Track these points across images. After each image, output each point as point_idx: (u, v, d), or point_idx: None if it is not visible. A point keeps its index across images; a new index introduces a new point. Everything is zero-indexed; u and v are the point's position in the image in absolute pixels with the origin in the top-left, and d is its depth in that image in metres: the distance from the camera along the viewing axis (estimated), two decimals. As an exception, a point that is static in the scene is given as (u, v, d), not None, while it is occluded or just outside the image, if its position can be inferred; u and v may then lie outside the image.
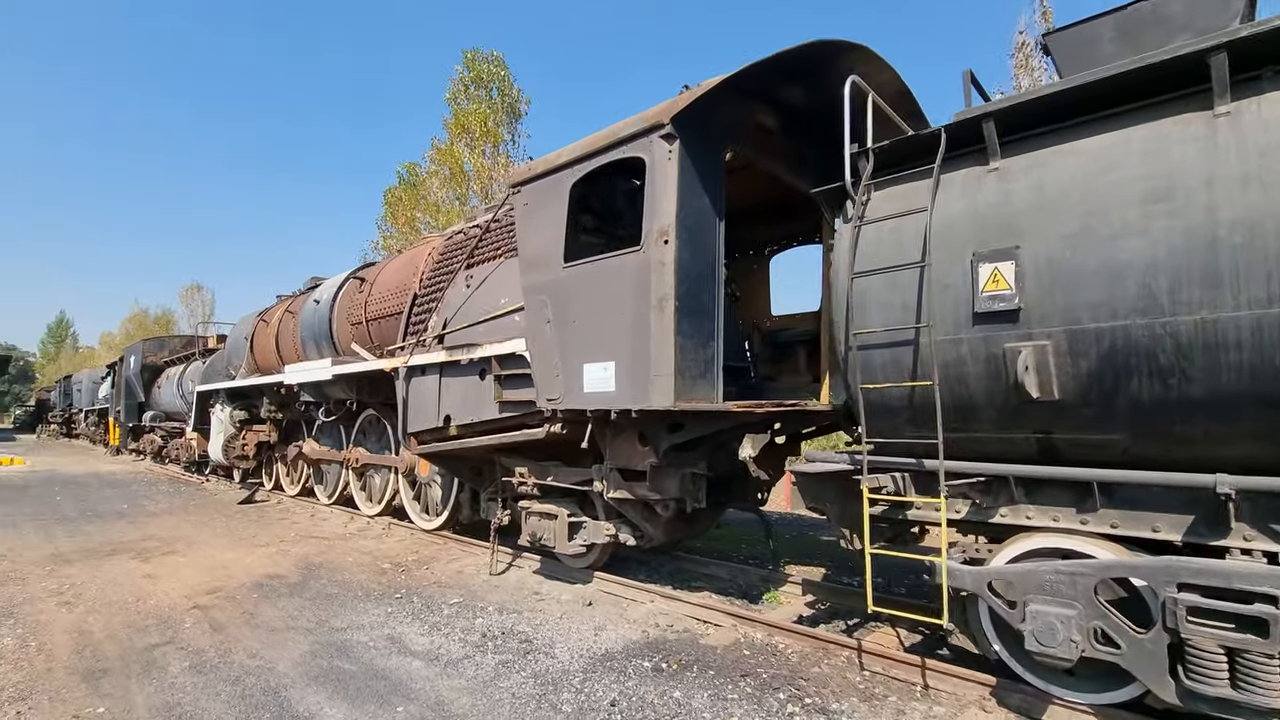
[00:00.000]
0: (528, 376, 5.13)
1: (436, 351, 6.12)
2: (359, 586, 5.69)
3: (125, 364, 20.27)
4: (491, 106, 16.18)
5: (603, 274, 4.54)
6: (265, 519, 9.30)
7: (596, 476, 5.12)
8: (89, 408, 28.56)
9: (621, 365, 4.36)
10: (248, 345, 12.02)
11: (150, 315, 48.96)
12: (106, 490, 12.84)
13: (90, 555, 6.89)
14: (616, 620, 4.78)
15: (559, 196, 4.95)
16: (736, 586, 5.71)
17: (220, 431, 12.06)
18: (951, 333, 3.26)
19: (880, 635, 4.51)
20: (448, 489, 7.40)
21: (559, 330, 4.80)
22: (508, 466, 5.97)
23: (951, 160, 3.44)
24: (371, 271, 8.79)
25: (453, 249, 6.85)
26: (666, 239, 4.19)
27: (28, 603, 5.17)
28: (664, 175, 4.24)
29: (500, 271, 5.75)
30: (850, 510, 4.12)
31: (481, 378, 5.64)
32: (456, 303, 6.09)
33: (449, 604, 5.17)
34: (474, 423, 5.70)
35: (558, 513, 5.40)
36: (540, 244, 5.05)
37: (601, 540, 5.33)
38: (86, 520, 9.17)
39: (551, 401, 4.83)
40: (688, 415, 4.35)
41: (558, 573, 5.96)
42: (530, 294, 5.05)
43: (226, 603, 5.19)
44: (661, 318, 4.16)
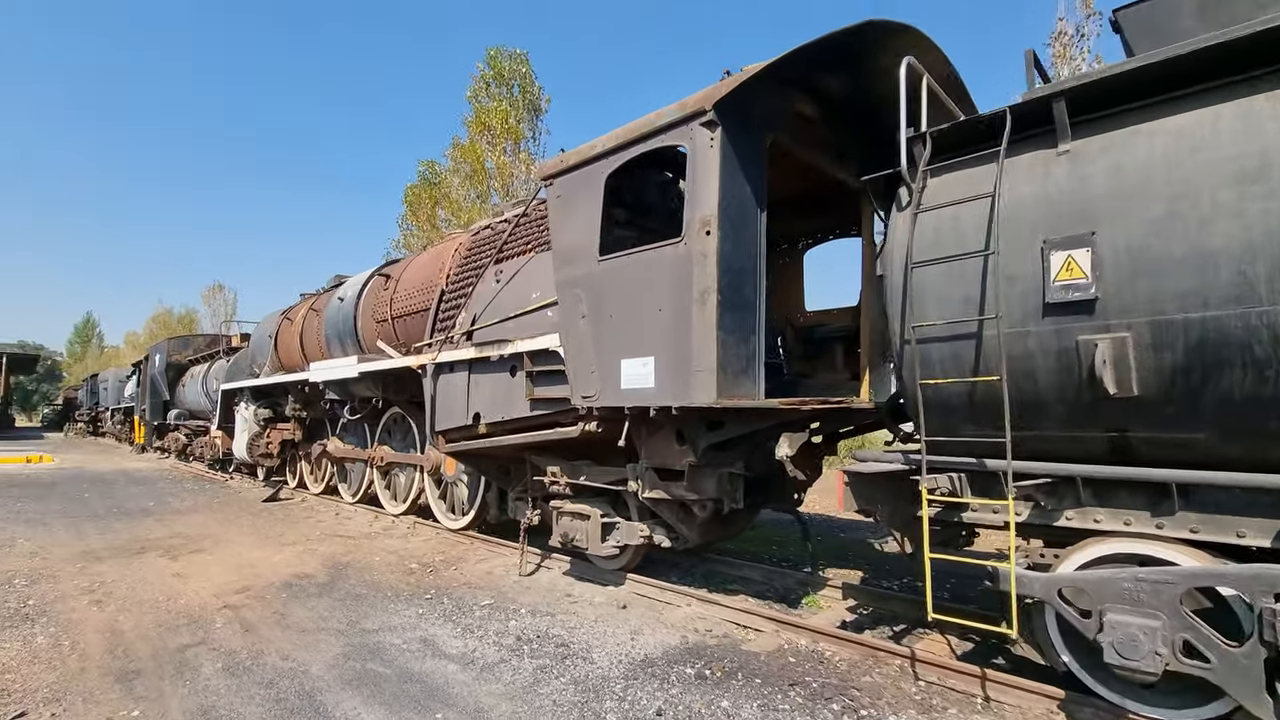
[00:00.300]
0: (561, 373, 5.01)
1: (465, 348, 6.02)
2: (388, 587, 5.60)
3: (150, 362, 20.50)
4: (513, 104, 16.13)
5: (640, 267, 4.40)
6: (290, 517, 9.29)
7: (631, 476, 4.99)
8: (115, 406, 29.00)
9: (661, 361, 4.22)
10: (272, 343, 12.05)
11: (174, 315, 49.64)
12: (133, 488, 12.95)
13: (120, 553, 6.88)
14: (653, 624, 4.64)
15: (593, 188, 4.81)
16: (773, 590, 5.55)
17: (245, 430, 12.09)
18: (1019, 325, 3.08)
19: (929, 642, 4.32)
20: (474, 488, 7.30)
21: (594, 325, 4.67)
22: (538, 465, 5.85)
23: (1015, 144, 3.25)
24: (396, 268, 8.73)
25: (480, 244, 6.75)
26: (709, 230, 4.04)
27: (60, 601, 5.15)
28: (706, 164, 4.09)
29: (531, 266, 5.63)
30: (902, 512, 3.95)
31: (512, 374, 5.53)
32: (485, 298, 5.98)
33: (480, 605, 5.06)
34: (504, 421, 5.59)
35: (590, 513, 5.27)
36: (574, 237, 4.92)
37: (635, 542, 5.20)
38: (115, 518, 9.21)
39: (587, 398, 4.70)
40: (729, 413, 4.20)
41: (589, 574, 5.84)
42: (564, 288, 4.93)
43: (256, 602, 5.13)
44: (703, 312, 4.01)
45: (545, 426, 5.28)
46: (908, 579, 5.97)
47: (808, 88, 4.83)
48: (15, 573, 5.98)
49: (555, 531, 5.57)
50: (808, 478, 5.73)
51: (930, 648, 4.16)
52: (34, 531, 8.09)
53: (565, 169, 5.08)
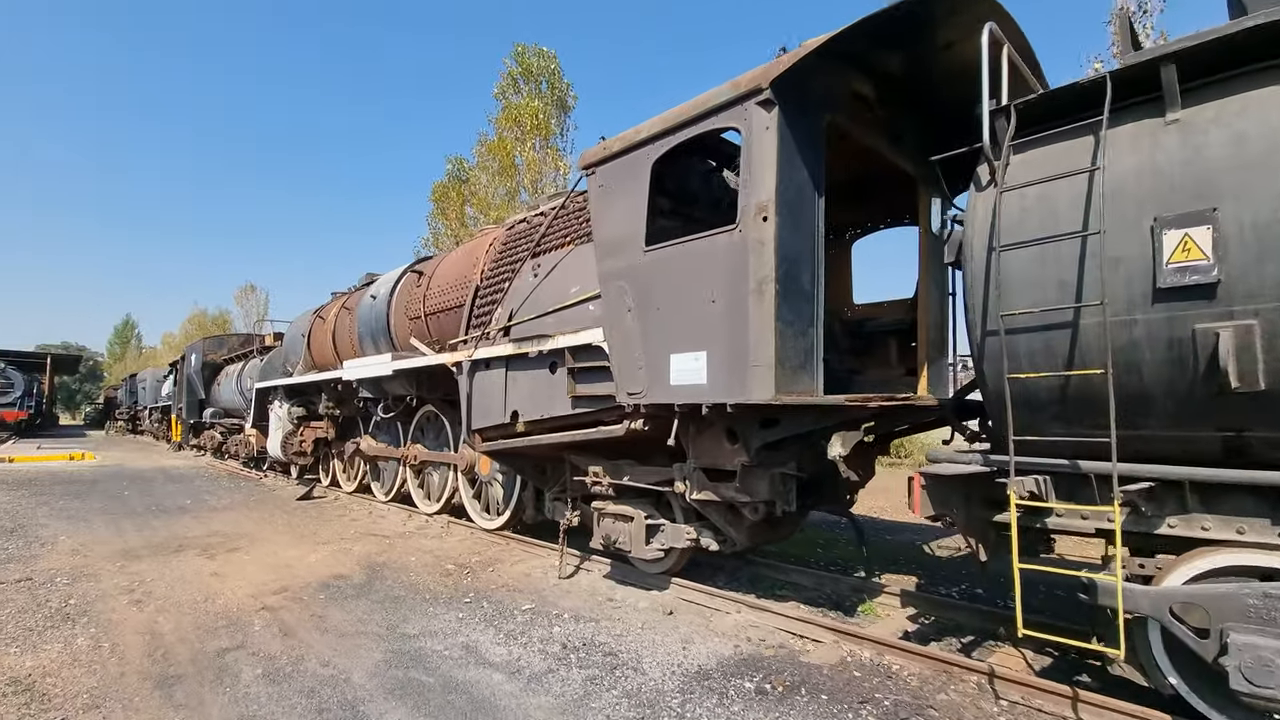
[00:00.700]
0: (604, 369, 4.81)
1: (502, 344, 5.85)
2: (425, 589, 5.46)
3: (186, 362, 20.86)
4: (541, 100, 16.01)
5: (690, 257, 4.18)
6: (324, 516, 9.25)
7: (678, 476, 4.77)
8: (152, 405, 29.65)
9: (714, 355, 3.99)
10: (304, 342, 12.08)
11: (208, 315, 50.77)
12: (170, 485, 13.10)
13: (158, 551, 6.87)
14: (703, 632, 4.41)
15: (639, 176, 4.60)
16: (825, 596, 5.28)
17: (279, 428, 12.15)
18: (1124, 313, 2.79)
19: (1003, 656, 4.03)
20: (510, 488, 7.15)
21: (641, 319, 4.46)
22: (578, 465, 5.66)
23: (1113, 114, 2.95)
24: (429, 265, 8.62)
25: (516, 238, 6.58)
26: (765, 216, 3.80)
27: (100, 600, 5.10)
28: (762, 146, 3.84)
29: (570, 259, 5.44)
30: (977, 518, 3.66)
31: (552, 371, 5.34)
32: (523, 293, 5.81)
33: (521, 610, 4.88)
34: (544, 419, 5.41)
35: (634, 515, 5.06)
36: (618, 227, 4.71)
37: (681, 545, 4.97)
38: (153, 515, 9.27)
39: (633, 396, 4.49)
40: (787, 410, 3.95)
41: (630, 577, 5.63)
42: (608, 281, 4.72)
43: (294, 604, 5.02)
44: (761, 303, 3.77)
45: (588, 425, 5.08)
46: (965, 585, 5.66)
47: (865, 66, 4.55)
48: (58, 570, 5.98)
49: (596, 534, 5.37)
50: (860, 478, 5.46)
51: (1006, 662, 3.87)
52: (76, 528, 8.15)
53: (608, 157, 4.88)
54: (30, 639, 4.23)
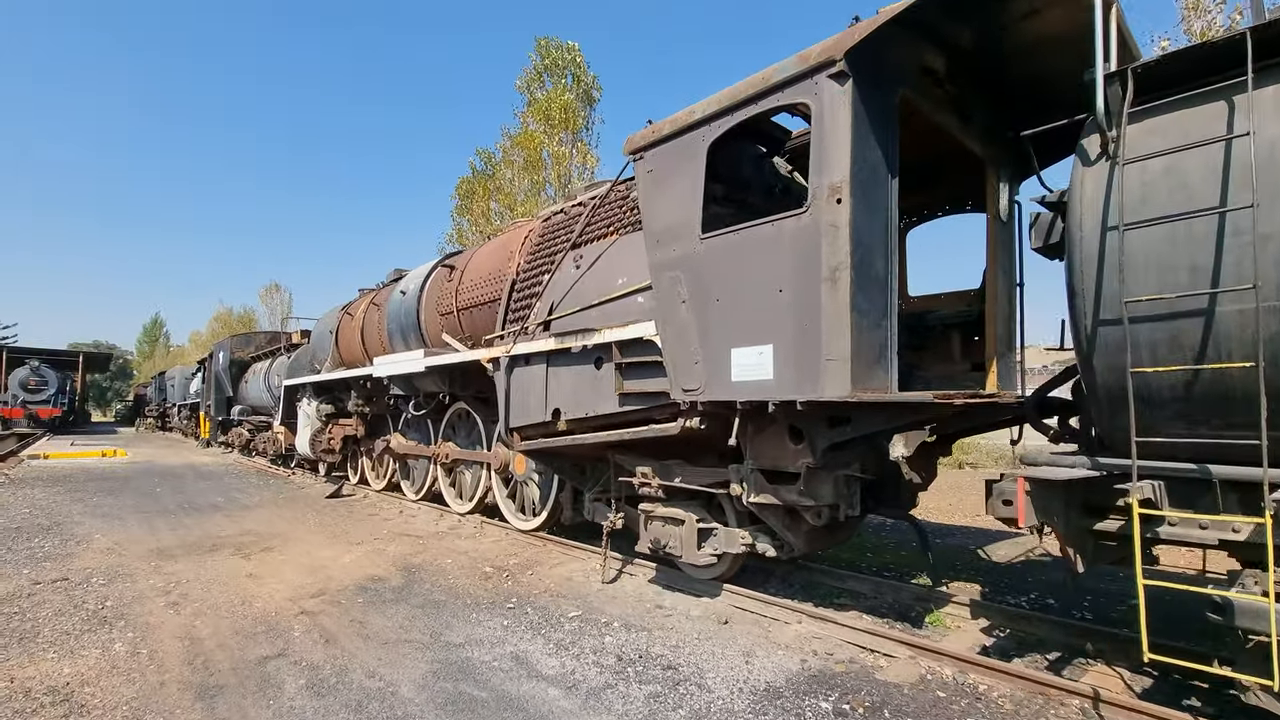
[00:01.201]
0: (656, 364, 4.56)
1: (542, 339, 5.63)
2: (465, 593, 5.26)
3: (214, 360, 21.02)
4: (569, 92, 15.77)
5: (753, 244, 3.90)
6: (355, 514, 9.13)
7: (734, 478, 4.50)
8: (181, 402, 30.05)
9: (782, 349, 3.71)
10: (332, 339, 12.00)
11: (234, 314, 51.47)
12: (201, 483, 13.13)
13: (192, 550, 6.77)
14: (764, 644, 4.15)
15: (693, 159, 4.33)
16: (887, 605, 4.98)
17: (307, 425, 12.09)
18: (1274, 298, 2.46)
19: (1098, 676, 3.70)
20: (547, 487, 6.94)
21: (698, 311, 4.19)
22: (623, 465, 5.42)
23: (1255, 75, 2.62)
24: (460, 259, 8.43)
25: (554, 230, 6.35)
26: (839, 198, 3.51)
27: (136, 602, 4.97)
28: (835, 122, 3.56)
29: (616, 249, 5.19)
30: (1075, 525, 3.35)
31: (597, 367, 5.10)
32: (564, 286, 5.57)
33: (568, 617, 4.66)
34: (588, 417, 5.17)
35: (685, 518, 4.81)
36: (671, 214, 4.45)
37: (735, 550, 4.71)
38: (185, 513, 9.23)
39: (689, 392, 4.23)
40: (863, 409, 3.66)
41: (677, 583, 5.38)
42: (660, 271, 4.47)
43: (333, 608, 4.84)
44: (835, 292, 3.48)
45: (637, 423, 4.84)
46: (1034, 595, 5.32)
47: (937, 37, 4.24)
48: (93, 570, 5.88)
49: (644, 537, 5.13)
50: (922, 480, 5.14)
51: (1103, 683, 3.55)
52: (110, 526, 8.11)
53: (658, 140, 4.61)
54: (68, 643, 4.10)
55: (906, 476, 4.89)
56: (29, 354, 35.15)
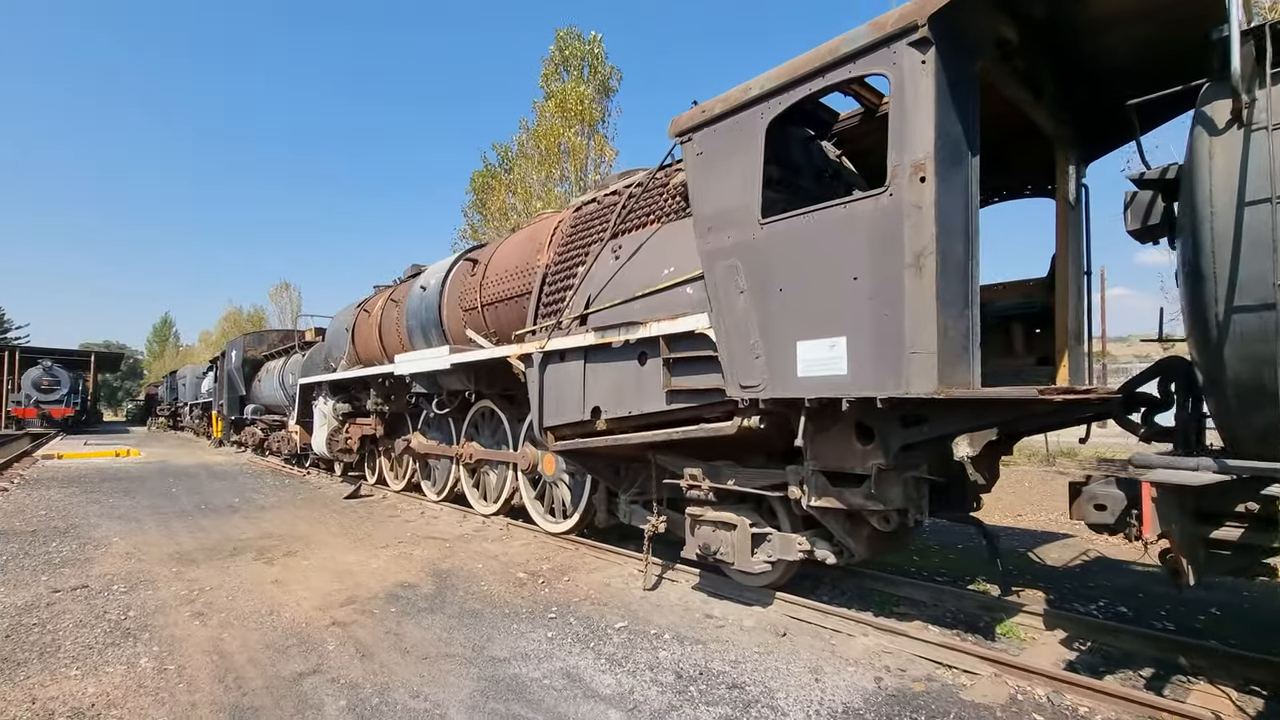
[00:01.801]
0: (708, 360, 4.27)
1: (579, 334, 5.35)
2: (501, 601, 5.01)
3: (227, 358, 20.88)
4: (585, 84, 15.48)
5: (823, 228, 3.61)
6: (375, 516, 8.90)
7: (792, 480, 4.22)
8: (193, 401, 30.00)
9: (857, 341, 3.42)
10: (349, 337, 11.77)
11: (243, 313, 51.48)
12: (216, 483, 12.95)
13: (213, 555, 6.55)
14: (831, 659, 3.87)
15: (749, 138, 4.04)
16: (951, 614, 4.70)
17: (323, 425, 11.87)
18: None
19: (1204, 696, 3.40)
20: (579, 489, 6.67)
21: (758, 301, 3.91)
22: (665, 466, 5.15)
23: None
24: (484, 253, 8.17)
25: (587, 220, 6.07)
26: (923, 176, 3.21)
27: (160, 612, 4.74)
28: (917, 93, 3.26)
29: (660, 238, 4.91)
30: (1190, 534, 3.05)
31: (641, 362, 4.82)
32: (602, 278, 5.30)
33: (615, 629, 4.39)
34: (631, 416, 4.90)
35: (737, 522, 4.53)
36: (725, 199, 4.16)
37: (792, 557, 4.43)
38: (202, 514, 9.02)
39: (748, 389, 3.95)
40: (947, 406, 3.36)
41: (724, 590, 5.11)
42: (713, 260, 4.18)
43: (366, 619, 4.60)
44: (919, 279, 3.19)
45: (686, 422, 4.56)
46: (1103, 601, 5.02)
47: (1010, 7, 3.92)
48: (114, 577, 5.66)
49: (690, 542, 4.86)
50: (987, 481, 4.84)
51: (1213, 704, 3.25)
52: (127, 529, 7.91)
53: (708, 120, 4.32)
54: (91, 659, 3.86)
55: (971, 478, 4.61)
56: (41, 354, 35.26)
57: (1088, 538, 7.44)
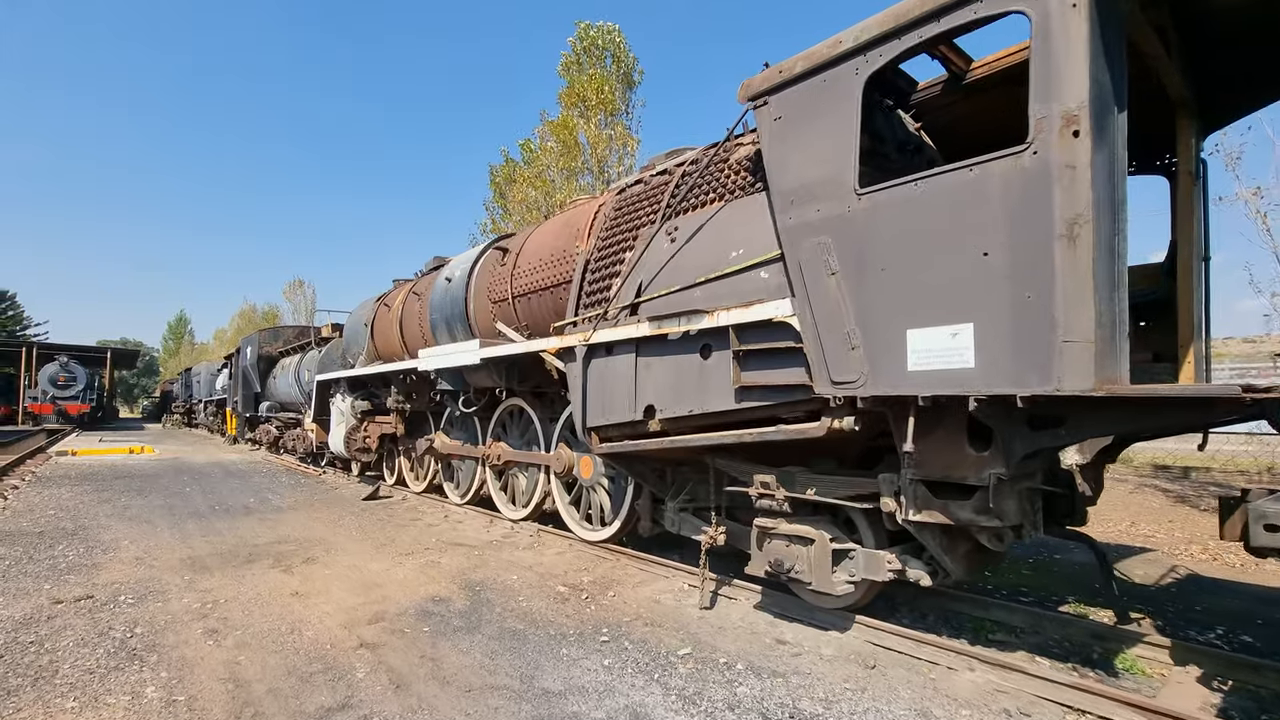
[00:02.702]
0: (788, 352, 3.76)
1: (629, 325, 4.85)
2: (544, 620, 4.51)
3: (241, 355, 20.58)
4: (606, 74, 15.01)
5: (941, 196, 3.09)
6: (396, 519, 8.45)
7: (884, 490, 3.69)
8: (207, 399, 29.83)
9: (988, 329, 2.90)
10: (368, 332, 11.34)
11: (257, 310, 51.49)
12: (231, 481, 12.59)
13: (227, 561, 6.10)
14: (936, 699, 3.33)
15: (842, 98, 3.53)
16: (1054, 642, 4.15)
17: (341, 423, 11.46)
18: None
19: (1404, 757, 2.85)
20: (619, 494, 6.17)
21: (854, 284, 3.39)
22: (725, 471, 4.64)
23: None
24: (514, 242, 7.69)
25: (634, 203, 5.57)
26: (1076, 130, 2.68)
27: (169, 628, 4.28)
28: (1068, 32, 2.73)
29: (724, 218, 4.40)
30: None
31: (705, 355, 4.31)
32: (655, 263, 4.79)
33: (678, 655, 3.88)
34: (692, 415, 4.39)
35: (815, 536, 4.01)
36: (811, 168, 3.64)
37: (881, 577, 3.90)
38: (216, 516, 8.61)
39: (843, 385, 3.43)
40: (1102, 405, 2.83)
41: (790, 610, 4.58)
42: (797, 238, 3.67)
43: (396, 639, 4.12)
44: (1073, 253, 2.66)
45: (759, 423, 4.05)
46: (1222, 629, 4.46)
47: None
48: (121, 586, 5.23)
49: (758, 557, 4.35)
50: (1093, 492, 4.29)
51: None
52: (138, 531, 7.50)
53: (789, 80, 3.81)
54: (91, 686, 3.40)
55: (1080, 488, 4.07)
56: (58, 350, 35.27)
57: (1170, 551, 6.85)
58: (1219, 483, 10.03)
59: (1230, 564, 6.37)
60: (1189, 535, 7.45)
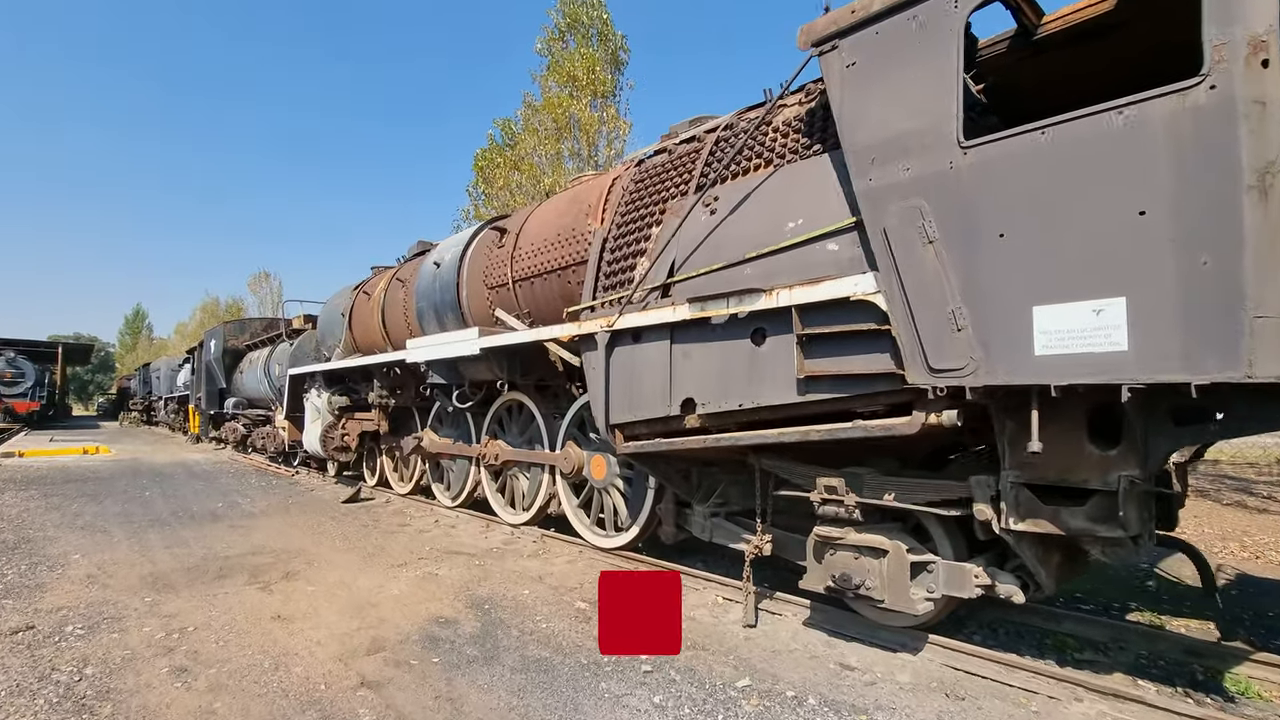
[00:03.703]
0: (866, 336, 3.24)
1: (662, 308, 4.29)
2: (570, 644, 3.95)
3: (205, 349, 19.42)
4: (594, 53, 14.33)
5: (1078, 146, 2.58)
6: (382, 524, 7.77)
7: (979, 495, 3.20)
8: (168, 395, 28.39)
9: (1147, 303, 2.41)
10: (345, 322, 10.58)
11: (221, 304, 49.46)
12: (195, 483, 11.69)
13: (196, 578, 5.39)
14: (1052, 738, 2.86)
15: (939, 37, 3.00)
16: (1146, 660, 3.72)
17: (317, 420, 10.66)
18: None
19: None
20: (638, 497, 5.61)
21: (960, 255, 2.87)
22: (775, 472, 4.11)
23: None
24: (513, 221, 7.05)
25: (658, 174, 5.00)
26: (1266, 58, 2.20)
27: (128, 667, 3.60)
28: (1254, -62, 2.24)
29: (776, 185, 3.86)
30: None
31: (757, 341, 3.77)
32: (693, 238, 4.23)
33: (736, 688, 3.35)
34: (742, 410, 3.84)
35: (890, 547, 3.51)
36: (898, 120, 3.12)
37: (968, 593, 3.41)
38: (181, 523, 7.82)
39: (947, 374, 2.92)
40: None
41: (846, 627, 4.09)
42: (881, 202, 3.14)
43: (404, 674, 3.51)
44: (1266, 208, 2.18)
45: (828, 418, 3.52)
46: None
47: None
48: (69, 612, 4.50)
49: (817, 571, 3.83)
50: (1184, 494, 3.88)
51: None
52: (92, 542, 6.70)
53: (867, 19, 3.27)
54: (25, 753, 2.74)
55: (1175, 488, 3.64)
56: (4, 345, 33.26)
57: (1207, 549, 6.55)
58: (1230, 475, 9.90)
59: (1273, 561, 6.10)
60: (1220, 531, 7.19)
